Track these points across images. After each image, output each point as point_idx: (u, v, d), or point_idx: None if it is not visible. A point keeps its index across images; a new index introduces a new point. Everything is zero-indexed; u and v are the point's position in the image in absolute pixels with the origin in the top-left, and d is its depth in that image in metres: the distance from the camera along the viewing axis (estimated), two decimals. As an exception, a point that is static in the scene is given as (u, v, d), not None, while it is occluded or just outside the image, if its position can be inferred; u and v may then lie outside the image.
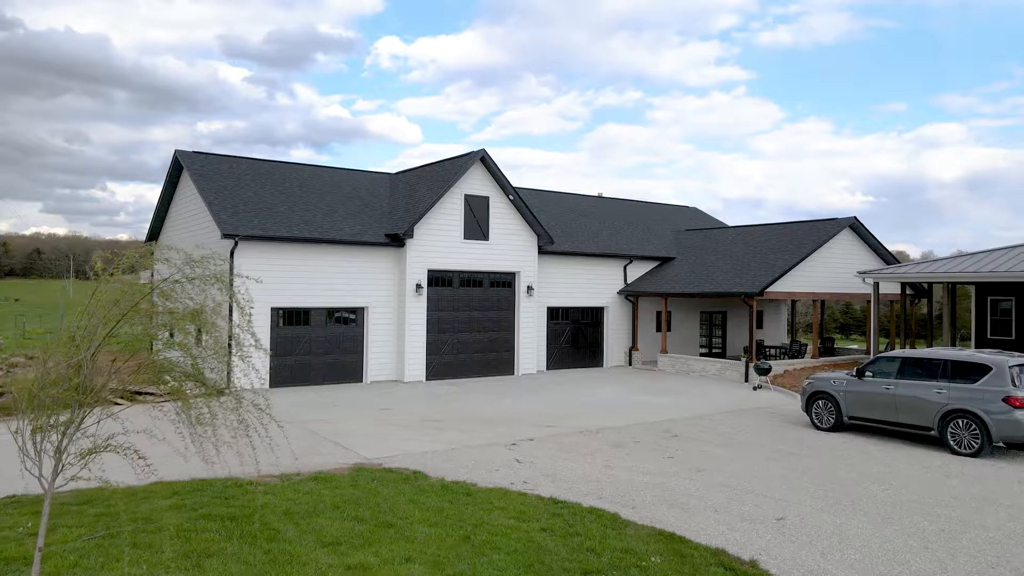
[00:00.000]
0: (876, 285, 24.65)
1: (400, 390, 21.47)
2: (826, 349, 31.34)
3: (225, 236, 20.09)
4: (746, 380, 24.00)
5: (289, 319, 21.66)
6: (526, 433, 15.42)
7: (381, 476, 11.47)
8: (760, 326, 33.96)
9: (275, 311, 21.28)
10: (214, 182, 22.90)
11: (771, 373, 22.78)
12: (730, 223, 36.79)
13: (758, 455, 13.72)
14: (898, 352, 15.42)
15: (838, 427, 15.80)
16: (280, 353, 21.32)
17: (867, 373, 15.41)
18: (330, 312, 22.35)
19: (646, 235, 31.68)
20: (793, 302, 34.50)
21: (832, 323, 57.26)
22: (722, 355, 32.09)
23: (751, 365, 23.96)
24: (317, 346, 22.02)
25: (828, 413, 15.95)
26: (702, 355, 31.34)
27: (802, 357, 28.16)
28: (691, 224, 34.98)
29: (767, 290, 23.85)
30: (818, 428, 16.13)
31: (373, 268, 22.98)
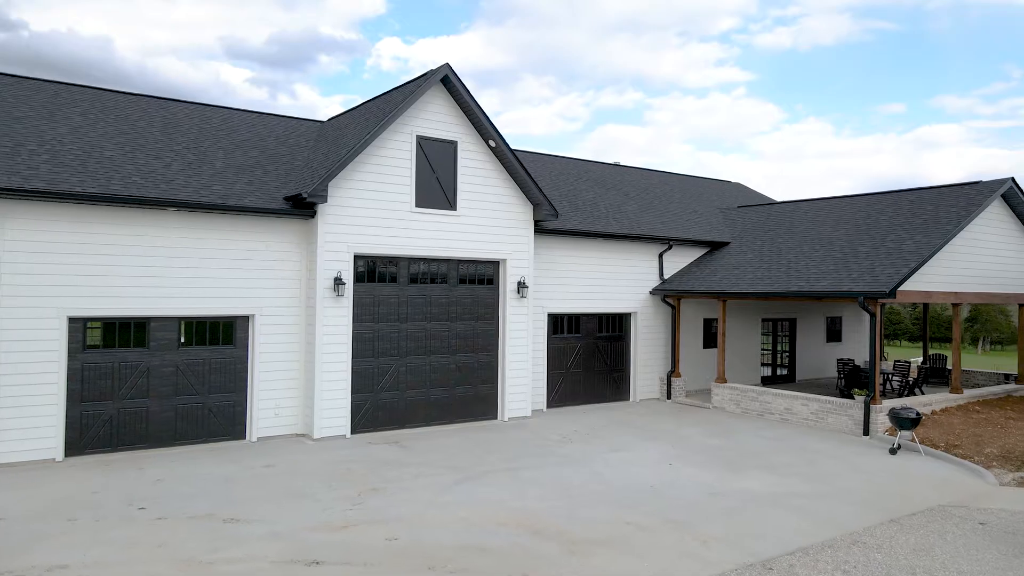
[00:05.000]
0: (1072, 281, 15.81)
1: (296, 460, 12.54)
2: (934, 371, 22.48)
3: (-33, 189, 11.17)
4: (865, 432, 15.09)
5: (109, 337, 12.71)
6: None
7: None
8: (838, 339, 25.07)
9: (78, 324, 12.35)
10: (2, 110, 13.98)
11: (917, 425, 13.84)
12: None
13: None
14: None
15: None
16: (89, 396, 12.40)
17: None
18: (188, 324, 13.43)
19: (684, 212, 22.76)
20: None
21: (902, 330, 48.72)
22: (790, 379, 23.21)
23: (874, 407, 15.06)
24: (162, 382, 13.08)
25: None
26: (765, 380, 22.47)
27: (917, 387, 19.21)
28: (736, 203, 26.03)
29: (900, 288, 14.96)
30: None
31: (265, 252, 14.07)
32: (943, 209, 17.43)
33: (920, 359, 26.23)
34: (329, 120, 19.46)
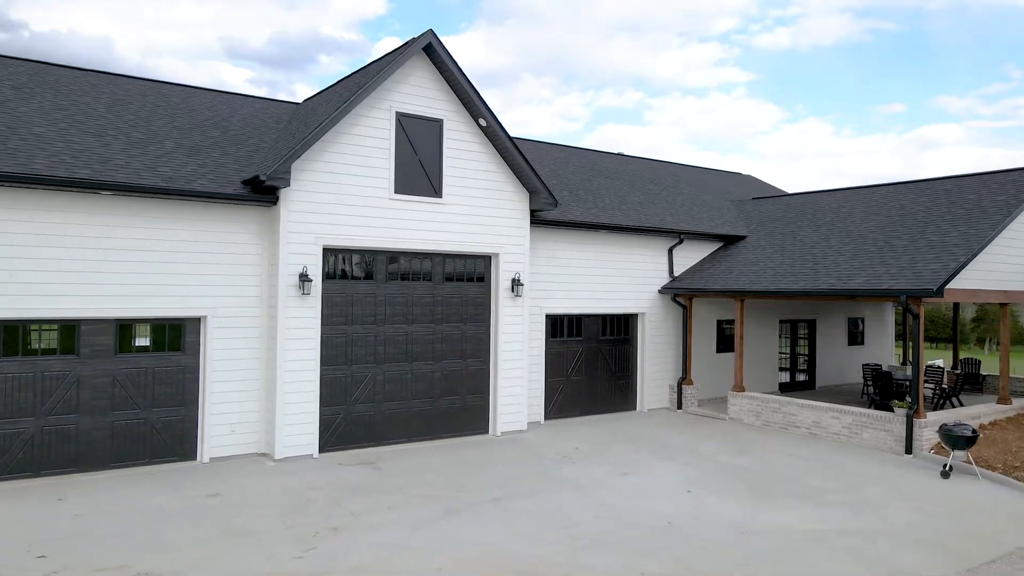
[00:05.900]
0: None
1: (249, 487, 10.68)
2: (966, 377, 20.60)
3: None
4: (907, 451, 13.24)
5: (29, 342, 10.87)
6: None
7: None
8: (860, 341, 23.23)
9: (-9, 327, 10.51)
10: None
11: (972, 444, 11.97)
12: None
13: None
14: None
15: None
16: (5, 413, 10.55)
17: None
18: (127, 327, 11.58)
19: (695, 204, 20.92)
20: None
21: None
22: (809, 385, 21.37)
23: (918, 421, 13.21)
24: (95, 395, 11.24)
25: None
26: (783, 387, 20.63)
27: (954, 396, 17.33)
28: (749, 195, 24.19)
29: (947, 287, 13.11)
30: None
31: (220, 244, 12.22)
32: (988, 198, 15.60)
33: (941, 362, 24.36)
34: (304, 101, 17.63)
